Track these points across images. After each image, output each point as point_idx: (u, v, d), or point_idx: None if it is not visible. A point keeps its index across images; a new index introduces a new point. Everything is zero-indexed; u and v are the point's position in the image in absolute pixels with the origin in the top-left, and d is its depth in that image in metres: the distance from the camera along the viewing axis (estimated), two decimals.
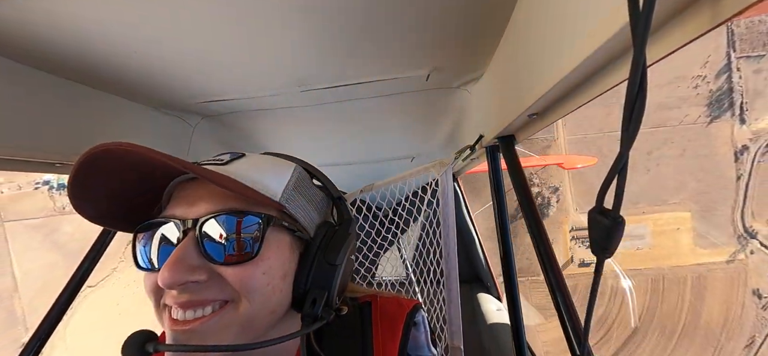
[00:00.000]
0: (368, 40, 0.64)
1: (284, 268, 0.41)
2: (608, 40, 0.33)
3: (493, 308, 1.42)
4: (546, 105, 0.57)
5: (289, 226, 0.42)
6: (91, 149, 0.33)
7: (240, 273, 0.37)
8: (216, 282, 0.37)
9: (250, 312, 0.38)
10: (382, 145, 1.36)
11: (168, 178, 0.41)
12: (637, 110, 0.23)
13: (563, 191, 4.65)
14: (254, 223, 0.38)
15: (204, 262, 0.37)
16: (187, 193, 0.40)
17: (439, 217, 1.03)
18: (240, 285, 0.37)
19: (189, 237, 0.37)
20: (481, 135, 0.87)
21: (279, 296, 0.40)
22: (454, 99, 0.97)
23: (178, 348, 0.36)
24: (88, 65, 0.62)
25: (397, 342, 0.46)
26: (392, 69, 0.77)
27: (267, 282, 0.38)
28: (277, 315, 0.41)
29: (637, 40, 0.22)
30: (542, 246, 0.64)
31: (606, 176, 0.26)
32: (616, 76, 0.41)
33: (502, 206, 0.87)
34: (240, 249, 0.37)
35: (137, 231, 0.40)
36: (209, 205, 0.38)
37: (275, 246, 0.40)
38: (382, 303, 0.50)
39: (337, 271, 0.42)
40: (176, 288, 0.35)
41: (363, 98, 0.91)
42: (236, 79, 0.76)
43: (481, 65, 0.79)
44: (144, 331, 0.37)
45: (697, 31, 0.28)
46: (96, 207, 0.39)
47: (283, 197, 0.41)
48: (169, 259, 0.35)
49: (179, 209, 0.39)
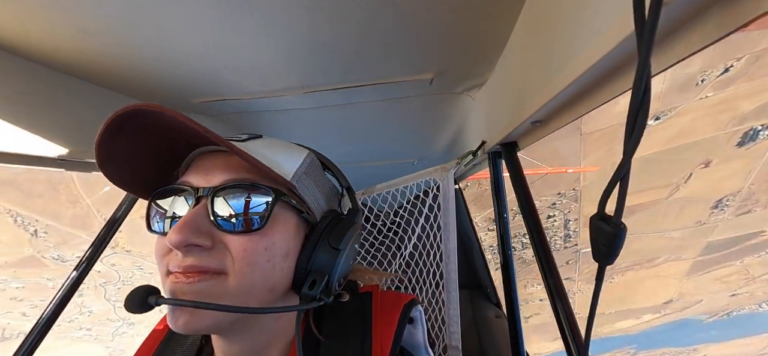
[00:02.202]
0: (372, 42, 0.64)
1: (287, 246, 0.42)
2: (613, 49, 0.33)
3: (492, 315, 1.41)
4: (549, 112, 0.57)
5: (297, 206, 0.43)
6: (125, 107, 0.34)
7: (244, 242, 0.38)
8: (219, 250, 0.38)
9: (242, 285, 0.38)
10: (385, 148, 1.36)
11: (189, 148, 0.43)
12: (641, 119, 0.23)
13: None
14: (264, 197, 0.40)
15: (211, 229, 0.38)
16: (204, 164, 0.42)
17: (440, 221, 1.03)
18: (242, 255, 0.38)
19: (201, 204, 0.39)
20: (484, 141, 0.87)
21: (279, 274, 0.41)
22: (458, 104, 0.97)
23: (177, 302, 0.37)
24: (89, 61, 0.63)
25: (393, 329, 0.47)
26: (396, 73, 0.77)
27: (268, 258, 0.40)
28: (276, 293, 0.41)
29: (642, 48, 0.22)
30: (543, 254, 0.64)
31: (608, 183, 0.26)
32: (620, 85, 0.41)
33: (503, 214, 0.86)
34: (247, 220, 0.39)
35: (154, 197, 0.42)
36: (224, 176, 0.40)
37: (281, 223, 0.41)
38: (383, 295, 0.51)
39: (340, 256, 0.43)
40: (182, 248, 0.37)
41: (366, 101, 0.91)
42: (239, 79, 0.76)
43: (484, 71, 0.79)
44: (146, 286, 0.39)
45: (703, 42, 0.28)
46: (119, 167, 0.40)
47: (294, 178, 0.43)
48: (179, 221, 0.37)
49: (195, 178, 0.41)
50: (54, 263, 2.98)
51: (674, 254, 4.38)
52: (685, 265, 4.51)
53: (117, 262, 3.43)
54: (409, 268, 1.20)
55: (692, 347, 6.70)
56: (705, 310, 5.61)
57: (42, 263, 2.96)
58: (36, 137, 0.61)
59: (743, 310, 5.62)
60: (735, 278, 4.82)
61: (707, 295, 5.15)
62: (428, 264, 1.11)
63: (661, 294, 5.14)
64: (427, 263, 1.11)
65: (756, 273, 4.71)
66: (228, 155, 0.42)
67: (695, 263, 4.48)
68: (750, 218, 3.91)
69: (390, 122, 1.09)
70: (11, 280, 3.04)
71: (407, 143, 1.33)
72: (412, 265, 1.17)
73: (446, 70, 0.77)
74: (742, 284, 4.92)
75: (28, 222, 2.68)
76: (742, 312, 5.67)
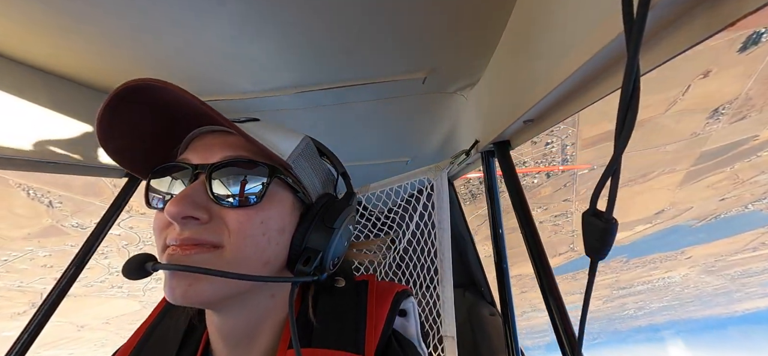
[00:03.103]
0: (364, 42, 0.64)
1: (283, 222, 0.43)
2: (603, 48, 0.33)
3: (486, 313, 1.42)
4: (541, 111, 0.57)
5: (293, 185, 0.44)
6: (129, 81, 0.34)
7: (240, 216, 0.39)
8: (216, 224, 0.39)
9: (236, 257, 0.39)
10: (378, 148, 1.36)
11: (189, 127, 0.44)
12: (630, 116, 0.23)
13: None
14: (260, 174, 0.41)
15: (209, 203, 0.39)
16: (203, 143, 0.42)
17: (434, 219, 1.03)
18: (238, 228, 0.39)
19: (199, 180, 0.40)
20: (477, 140, 0.87)
21: (275, 248, 0.42)
22: (450, 104, 0.97)
23: (174, 267, 0.37)
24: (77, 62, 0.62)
25: (385, 312, 0.47)
26: (388, 72, 0.77)
27: (263, 231, 0.40)
28: (271, 267, 0.42)
29: (630, 48, 0.23)
30: (536, 252, 0.64)
31: (599, 179, 0.26)
32: (611, 84, 0.41)
33: (497, 212, 0.87)
34: (243, 196, 0.40)
35: (153, 174, 0.42)
36: (222, 153, 0.41)
37: (277, 200, 0.42)
38: (378, 284, 0.52)
39: (334, 235, 0.44)
40: (179, 221, 0.37)
41: (359, 100, 0.91)
42: (231, 79, 0.75)
43: (477, 70, 0.79)
44: (144, 253, 0.39)
45: (690, 41, 0.29)
46: (119, 141, 0.41)
47: (290, 158, 0.44)
48: (177, 194, 0.38)
49: (194, 156, 0.42)
50: (74, 230, 2.99)
51: (668, 167, 4.43)
52: (678, 176, 4.57)
53: (134, 225, 3.46)
54: (403, 262, 1.21)
55: (680, 250, 7.15)
56: (694, 216, 5.82)
57: (63, 232, 2.96)
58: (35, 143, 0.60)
59: (730, 212, 5.84)
60: (725, 183, 4.94)
61: (697, 202, 5.33)
62: (423, 260, 1.12)
63: (652, 206, 5.27)
64: (422, 259, 1.12)
65: (745, 176, 4.83)
66: (226, 135, 0.43)
67: (688, 174, 4.55)
68: (744, 124, 3.94)
69: (383, 122, 1.09)
70: (38, 249, 3.05)
71: (400, 143, 1.33)
72: (406, 259, 1.18)
73: (439, 70, 0.77)
74: (730, 188, 5.08)
75: (42, 194, 2.67)
76: (729, 215, 5.90)
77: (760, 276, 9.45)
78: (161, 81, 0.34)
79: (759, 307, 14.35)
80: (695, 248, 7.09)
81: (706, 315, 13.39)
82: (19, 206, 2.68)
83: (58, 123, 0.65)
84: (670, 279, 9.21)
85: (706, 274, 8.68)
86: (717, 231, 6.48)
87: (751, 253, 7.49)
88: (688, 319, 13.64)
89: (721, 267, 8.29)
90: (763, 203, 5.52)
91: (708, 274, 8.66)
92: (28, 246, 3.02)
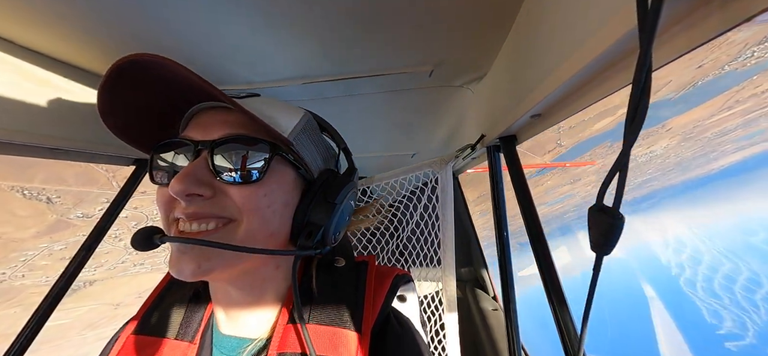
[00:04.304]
0: (372, 33, 0.63)
1: (286, 197, 0.43)
2: (615, 43, 0.33)
3: (489, 308, 1.42)
4: (549, 106, 0.56)
5: (294, 162, 0.44)
6: (126, 56, 0.35)
7: (243, 191, 0.40)
8: (220, 199, 0.40)
9: (249, 230, 0.40)
10: (383, 141, 1.36)
11: (189, 103, 0.44)
12: (641, 111, 0.23)
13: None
14: (262, 151, 0.41)
15: (212, 179, 0.40)
16: (204, 119, 0.43)
17: (439, 212, 1.04)
18: (242, 203, 0.40)
19: (201, 157, 0.40)
20: (483, 135, 0.87)
21: (279, 221, 0.43)
22: (457, 97, 0.97)
23: (181, 240, 0.38)
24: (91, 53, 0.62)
25: (385, 290, 0.48)
26: (395, 65, 0.76)
27: (268, 204, 0.41)
28: (276, 240, 0.43)
29: (643, 40, 0.22)
30: (540, 248, 0.64)
31: (607, 174, 0.26)
32: (620, 79, 0.41)
33: (501, 207, 0.87)
34: (246, 172, 0.40)
35: (156, 150, 0.43)
36: (223, 130, 0.41)
37: (279, 176, 0.43)
38: (379, 266, 0.53)
39: (336, 210, 0.45)
40: (184, 198, 0.38)
41: (365, 93, 0.90)
42: (236, 68, 0.75)
43: (484, 64, 0.79)
44: (151, 226, 0.40)
45: (705, 37, 0.28)
46: (121, 118, 0.41)
47: (291, 135, 0.44)
48: (181, 171, 0.38)
49: (195, 133, 0.42)
50: (80, 220, 3.02)
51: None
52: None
53: (138, 204, 3.50)
54: (406, 250, 1.22)
55: (661, 124, 7.66)
56: (674, 88, 6.02)
57: (71, 224, 3.00)
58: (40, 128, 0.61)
59: (708, 78, 6.05)
60: (702, 50, 5.07)
61: (675, 75, 5.44)
62: (426, 250, 1.13)
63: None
64: (425, 249, 1.13)
65: (722, 39, 4.95)
66: (227, 111, 0.43)
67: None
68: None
69: (389, 114, 1.09)
70: (52, 244, 3.10)
71: (406, 136, 1.32)
72: (410, 248, 1.19)
73: (446, 63, 0.77)
74: (707, 54, 5.16)
75: (37, 192, 2.69)
76: (706, 80, 6.12)
77: (733, 133, 10.35)
78: (157, 55, 0.35)
79: (732, 162, 17.05)
80: (675, 120, 7.51)
81: (685, 179, 15.03)
82: (18, 208, 2.69)
83: (69, 110, 0.66)
84: (652, 153, 9.89)
85: (685, 141, 9.41)
86: (695, 98, 6.80)
87: (726, 113, 7.97)
88: (668, 187, 15.47)
89: (699, 132, 8.86)
90: (737, 62, 5.64)
91: (687, 141, 9.36)
92: (41, 244, 3.05)
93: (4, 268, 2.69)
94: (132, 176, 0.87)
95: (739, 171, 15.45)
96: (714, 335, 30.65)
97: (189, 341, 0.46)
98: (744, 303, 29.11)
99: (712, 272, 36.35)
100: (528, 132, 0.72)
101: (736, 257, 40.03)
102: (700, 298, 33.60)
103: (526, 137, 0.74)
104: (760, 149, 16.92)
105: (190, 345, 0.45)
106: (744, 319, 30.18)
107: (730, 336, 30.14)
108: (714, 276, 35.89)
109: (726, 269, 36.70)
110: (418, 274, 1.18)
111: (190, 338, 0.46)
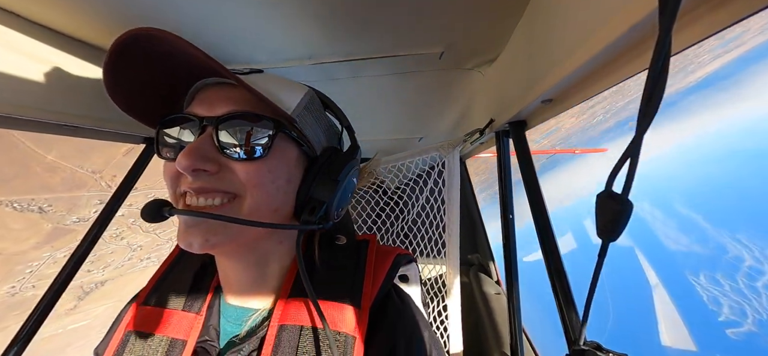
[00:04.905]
0: (381, 13, 0.62)
1: (289, 173, 0.44)
2: (633, 26, 0.32)
3: (492, 292, 1.44)
4: (561, 91, 0.55)
5: (297, 139, 0.45)
6: (132, 30, 0.35)
7: (248, 167, 0.41)
8: (226, 174, 0.41)
9: (253, 205, 0.41)
10: (391, 124, 1.35)
11: (193, 78, 0.44)
12: (656, 96, 0.22)
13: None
14: (265, 128, 0.42)
15: (217, 155, 0.40)
16: (208, 95, 0.43)
17: (444, 196, 1.04)
18: (246, 179, 0.40)
19: (207, 133, 0.40)
20: (492, 119, 0.86)
21: (283, 197, 0.44)
22: (467, 81, 0.95)
23: (189, 213, 0.39)
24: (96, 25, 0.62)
25: (386, 267, 0.49)
26: (405, 46, 0.75)
27: (272, 180, 0.42)
28: (279, 215, 0.44)
29: (664, 23, 0.21)
30: (545, 235, 0.64)
31: (618, 159, 0.25)
32: (636, 65, 0.39)
33: (508, 193, 0.86)
34: (250, 148, 0.41)
35: (161, 125, 0.44)
36: (227, 107, 0.41)
37: (282, 153, 0.43)
38: (380, 245, 0.54)
39: (338, 187, 0.45)
40: (190, 173, 0.39)
41: (373, 75, 0.89)
42: (243, 48, 0.75)
43: (496, 47, 0.77)
44: (161, 199, 0.41)
45: (730, 19, 0.27)
46: (127, 92, 0.42)
47: (294, 112, 0.45)
48: (187, 147, 0.39)
49: (200, 109, 0.42)
50: (77, 225, 3.08)
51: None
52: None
53: (133, 201, 3.57)
54: (411, 232, 1.23)
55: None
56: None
57: (70, 230, 3.06)
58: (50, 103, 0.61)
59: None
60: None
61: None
62: (430, 232, 1.14)
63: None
64: (430, 232, 1.14)
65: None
66: (231, 87, 0.43)
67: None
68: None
69: (397, 97, 1.07)
70: (55, 252, 3.18)
71: (413, 119, 1.31)
72: (415, 230, 1.20)
73: (457, 44, 0.75)
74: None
75: (27, 204, 2.70)
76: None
77: (710, 43, 10.51)
78: (162, 30, 0.35)
79: (708, 72, 18.88)
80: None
81: (666, 95, 17.47)
82: (11, 222, 2.70)
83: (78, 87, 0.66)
84: (638, 78, 10.41)
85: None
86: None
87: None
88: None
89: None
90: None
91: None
92: (43, 253, 3.08)
93: (12, 282, 2.74)
94: (142, 153, 0.89)
95: (715, 81, 16.79)
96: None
97: (195, 312, 0.48)
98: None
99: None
100: (538, 117, 0.71)
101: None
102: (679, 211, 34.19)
103: (536, 122, 0.73)
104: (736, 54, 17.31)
105: (196, 316, 0.47)
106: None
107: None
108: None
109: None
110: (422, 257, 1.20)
111: (197, 310, 0.48)
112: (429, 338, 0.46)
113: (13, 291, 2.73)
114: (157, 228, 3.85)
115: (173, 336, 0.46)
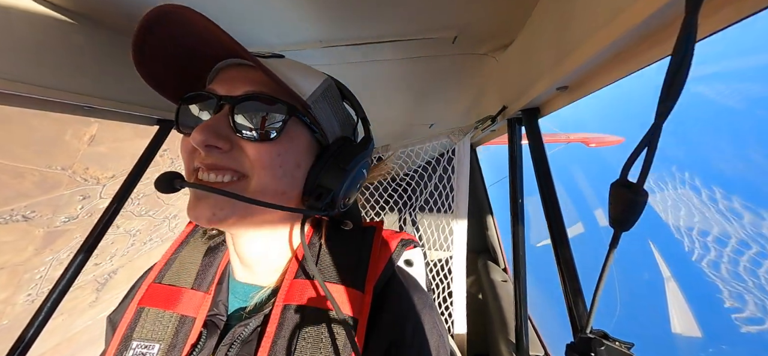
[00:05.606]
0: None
1: (299, 158, 0.45)
2: (656, 11, 0.31)
3: (498, 279, 1.45)
4: (577, 78, 0.54)
5: (311, 125, 0.46)
6: (162, 4, 0.37)
7: (258, 148, 0.42)
8: (237, 153, 0.42)
9: (259, 186, 0.42)
10: (402, 109, 1.34)
11: (215, 59, 0.46)
12: (677, 84, 0.22)
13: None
14: (279, 112, 0.43)
15: (230, 134, 0.42)
16: (228, 75, 0.44)
17: (454, 183, 1.04)
18: (255, 159, 0.42)
19: (223, 111, 0.42)
20: (505, 106, 0.85)
21: (290, 181, 0.45)
22: (480, 66, 0.93)
23: (198, 186, 0.41)
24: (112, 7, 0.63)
25: (390, 251, 0.51)
26: (418, 30, 0.74)
27: (280, 163, 0.43)
28: (285, 198, 0.45)
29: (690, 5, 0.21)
30: (555, 224, 0.64)
31: (635, 147, 0.25)
32: (657, 52, 0.38)
33: (518, 181, 0.86)
34: (263, 130, 0.42)
35: (183, 101, 0.45)
36: (245, 87, 0.43)
37: (294, 137, 0.44)
38: (386, 231, 0.55)
39: (347, 176, 0.46)
40: (203, 148, 0.40)
41: (385, 59, 0.88)
42: (255, 30, 0.75)
43: (511, 31, 0.75)
44: (173, 171, 0.43)
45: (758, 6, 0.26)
46: (151, 65, 0.43)
47: (310, 98, 0.45)
48: (202, 123, 0.40)
49: (220, 87, 0.43)
50: (70, 224, 3.12)
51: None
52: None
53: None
54: (419, 218, 1.24)
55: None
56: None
57: (64, 231, 3.08)
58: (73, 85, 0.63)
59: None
60: None
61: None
62: (439, 219, 1.14)
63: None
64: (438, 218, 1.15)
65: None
66: (251, 69, 0.44)
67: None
68: None
69: (409, 83, 1.06)
70: (56, 254, 3.26)
71: (425, 105, 1.30)
72: (422, 217, 1.21)
73: (470, 29, 0.73)
74: None
75: (8, 215, 2.68)
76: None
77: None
78: (193, 10, 0.36)
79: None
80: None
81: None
82: (2, 235, 2.70)
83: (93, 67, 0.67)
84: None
85: None
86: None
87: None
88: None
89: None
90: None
91: None
92: (46, 257, 3.12)
93: (27, 290, 2.80)
94: (156, 135, 0.90)
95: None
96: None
97: (204, 291, 0.50)
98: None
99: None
100: (552, 105, 0.70)
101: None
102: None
103: (550, 110, 0.72)
104: None
105: (205, 294, 0.50)
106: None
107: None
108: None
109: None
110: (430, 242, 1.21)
111: (205, 288, 0.50)
112: (431, 318, 0.47)
113: (31, 298, 2.81)
114: (149, 210, 3.95)
115: (183, 313, 0.48)
